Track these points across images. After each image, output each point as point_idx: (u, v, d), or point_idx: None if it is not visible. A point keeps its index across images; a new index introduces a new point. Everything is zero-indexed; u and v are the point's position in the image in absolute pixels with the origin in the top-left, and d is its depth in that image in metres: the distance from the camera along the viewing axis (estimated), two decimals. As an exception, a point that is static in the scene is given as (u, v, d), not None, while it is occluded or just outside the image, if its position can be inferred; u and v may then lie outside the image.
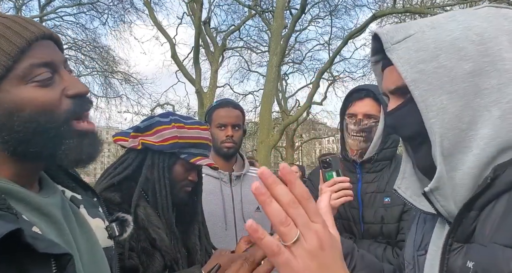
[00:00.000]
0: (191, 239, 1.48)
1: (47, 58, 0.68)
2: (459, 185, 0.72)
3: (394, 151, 1.67)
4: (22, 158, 0.68)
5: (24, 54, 0.66)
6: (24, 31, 0.67)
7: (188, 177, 1.42)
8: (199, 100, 12.68)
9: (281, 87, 18.75)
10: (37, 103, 0.66)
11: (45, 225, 0.68)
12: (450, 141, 0.71)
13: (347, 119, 1.68)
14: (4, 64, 0.64)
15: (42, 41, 0.69)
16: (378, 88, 1.75)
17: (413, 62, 0.73)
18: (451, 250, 0.72)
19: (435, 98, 0.72)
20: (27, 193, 0.68)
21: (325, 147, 34.10)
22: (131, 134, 1.41)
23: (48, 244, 0.60)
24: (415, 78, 0.73)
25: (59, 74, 0.70)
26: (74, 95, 0.70)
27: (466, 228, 0.71)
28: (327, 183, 1.50)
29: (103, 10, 15.09)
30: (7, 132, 0.65)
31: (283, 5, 11.75)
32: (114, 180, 1.36)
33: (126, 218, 0.91)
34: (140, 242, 1.28)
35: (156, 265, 1.29)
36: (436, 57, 0.72)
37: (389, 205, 1.58)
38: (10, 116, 0.65)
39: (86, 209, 0.84)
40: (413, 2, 13.73)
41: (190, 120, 1.45)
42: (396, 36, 0.75)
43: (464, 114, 0.71)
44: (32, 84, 0.66)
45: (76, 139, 0.70)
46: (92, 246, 0.79)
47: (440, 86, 0.71)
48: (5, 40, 0.65)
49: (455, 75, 0.71)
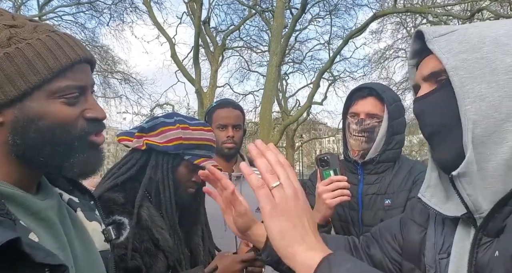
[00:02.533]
0: (194, 240, 1.48)
1: (82, 82, 0.73)
2: (491, 176, 0.71)
3: (397, 153, 1.63)
4: (27, 163, 0.71)
5: (64, 73, 0.70)
6: (71, 52, 0.72)
7: (192, 178, 1.42)
8: (199, 100, 12.67)
9: (281, 87, 18.75)
10: (58, 117, 0.70)
11: (42, 230, 0.69)
12: (483, 130, 0.71)
13: (349, 118, 1.64)
14: (43, 77, 0.68)
15: (83, 64, 0.74)
16: (382, 85, 1.71)
17: (455, 52, 0.74)
18: (481, 245, 0.72)
19: (474, 86, 0.72)
20: (27, 197, 0.70)
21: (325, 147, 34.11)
22: (135, 134, 1.41)
23: (45, 255, 0.61)
24: (456, 65, 0.73)
25: (85, 96, 0.75)
26: (91, 118, 0.75)
27: (498, 223, 0.70)
28: (324, 181, 1.47)
29: (102, 9, 15.10)
30: (20, 136, 0.68)
31: (283, 5, 11.74)
32: (118, 180, 1.35)
33: (123, 221, 0.93)
34: (144, 242, 1.28)
35: (159, 266, 1.29)
36: (479, 49, 0.73)
37: (390, 208, 1.54)
38: (30, 122, 0.68)
39: (83, 212, 0.85)
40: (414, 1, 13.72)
41: (194, 121, 1.45)
42: (439, 31, 0.78)
43: (502, 105, 0.71)
44: (60, 100, 0.70)
45: (86, 153, 0.74)
46: (88, 250, 0.80)
47: (481, 75, 0.72)
48: (52, 55, 0.69)
49: (496, 67, 0.72)
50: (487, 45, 0.73)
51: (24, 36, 0.69)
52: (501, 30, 0.74)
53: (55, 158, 0.71)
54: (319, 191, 1.47)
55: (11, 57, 0.66)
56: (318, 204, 1.47)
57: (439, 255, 0.84)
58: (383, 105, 1.59)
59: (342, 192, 1.44)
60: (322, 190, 1.45)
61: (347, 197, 1.45)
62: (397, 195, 1.55)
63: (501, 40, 0.73)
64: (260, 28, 17.23)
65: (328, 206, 1.44)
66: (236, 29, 16.20)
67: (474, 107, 0.71)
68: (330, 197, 1.43)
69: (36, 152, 0.69)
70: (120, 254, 1.21)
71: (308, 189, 1.79)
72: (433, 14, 12.61)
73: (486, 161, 0.71)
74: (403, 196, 1.54)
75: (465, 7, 13.14)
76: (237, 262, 1.32)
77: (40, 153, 0.70)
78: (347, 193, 1.45)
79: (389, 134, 1.59)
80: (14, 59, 0.66)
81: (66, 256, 0.71)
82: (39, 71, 0.68)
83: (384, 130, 1.59)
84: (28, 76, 0.67)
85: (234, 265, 1.32)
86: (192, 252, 1.46)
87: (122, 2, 14.85)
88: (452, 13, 12.99)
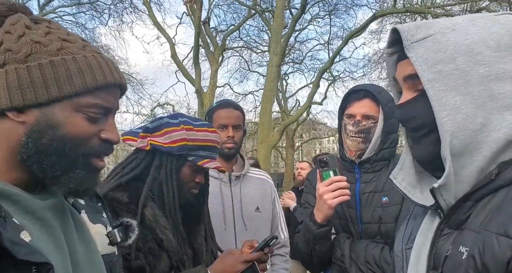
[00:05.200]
0: (197, 240, 1.49)
1: (110, 104, 0.76)
2: (464, 181, 0.75)
3: (393, 151, 1.67)
4: (27, 168, 0.71)
5: (97, 92, 0.73)
6: (109, 75, 0.75)
7: (196, 179, 1.43)
8: (199, 100, 12.67)
9: (281, 87, 18.72)
10: (75, 130, 0.72)
11: (37, 229, 0.69)
12: (460, 141, 0.74)
13: (346, 119, 1.67)
14: (77, 90, 0.71)
15: (116, 88, 0.78)
16: (377, 87, 1.75)
17: (431, 62, 0.76)
18: (441, 235, 0.76)
19: (449, 98, 0.75)
20: (23, 196, 0.70)
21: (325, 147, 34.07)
22: (140, 134, 1.41)
23: (28, 251, 0.61)
24: (432, 78, 0.76)
25: (107, 118, 0.77)
26: (105, 139, 0.76)
27: (459, 216, 0.75)
28: (324, 182, 1.51)
29: (102, 9, 15.10)
30: (34, 139, 0.69)
31: (283, 5, 11.75)
32: (122, 180, 1.36)
33: (131, 223, 0.91)
34: (147, 242, 1.29)
35: (163, 266, 1.30)
36: (454, 60, 0.75)
37: (387, 205, 1.58)
38: (48, 128, 0.70)
39: (87, 214, 0.86)
40: (413, 1, 13.72)
41: (198, 122, 1.46)
42: (416, 34, 0.79)
43: (477, 116, 0.74)
44: (83, 115, 0.73)
45: (85, 171, 0.74)
46: (90, 253, 0.80)
47: (456, 87, 0.75)
48: (92, 73, 0.73)
49: (470, 78, 0.74)
50: (461, 54, 0.75)
51: (72, 51, 0.73)
52: (475, 35, 0.76)
53: (56, 168, 0.71)
54: (320, 191, 1.51)
55: (54, 65, 0.70)
56: (319, 204, 1.52)
57: (406, 245, 0.89)
58: (378, 106, 1.62)
59: (342, 192, 1.49)
60: (323, 191, 1.50)
61: (347, 196, 1.49)
62: (394, 192, 1.57)
63: (474, 49, 0.75)
64: (260, 28, 17.22)
65: (329, 206, 1.49)
66: (236, 29, 16.19)
67: (451, 120, 0.74)
68: (331, 197, 1.48)
69: (41, 158, 0.70)
70: (124, 253, 1.20)
71: (306, 189, 1.83)
72: (433, 14, 12.62)
73: (461, 169, 0.75)
74: (399, 194, 1.56)
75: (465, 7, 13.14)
76: (240, 262, 1.32)
77: (44, 160, 0.70)
78: (347, 193, 1.49)
79: (385, 133, 1.62)
80: (56, 67, 0.70)
81: (62, 258, 0.71)
82: (75, 84, 0.71)
83: (380, 130, 1.62)
84: (63, 86, 0.70)
85: (237, 265, 1.32)
86: (195, 252, 1.47)
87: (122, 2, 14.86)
88: (451, 13, 12.99)
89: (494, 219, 0.69)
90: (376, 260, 1.51)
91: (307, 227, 1.56)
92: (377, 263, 1.50)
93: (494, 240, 0.66)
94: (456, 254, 0.71)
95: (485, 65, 0.74)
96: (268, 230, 2.07)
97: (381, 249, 1.53)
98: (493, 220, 0.69)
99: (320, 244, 1.56)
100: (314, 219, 1.54)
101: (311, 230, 1.54)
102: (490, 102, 0.73)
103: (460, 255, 0.70)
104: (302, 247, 1.63)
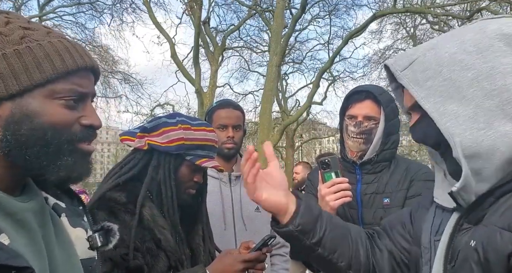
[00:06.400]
0: (195, 240, 1.49)
1: (84, 88, 0.74)
2: (485, 180, 0.77)
3: (393, 152, 1.67)
4: (11, 162, 0.69)
5: (69, 77, 0.71)
6: (79, 58, 0.73)
7: (194, 179, 1.42)
8: (199, 100, 12.67)
9: (281, 87, 18.73)
10: (54, 118, 0.70)
11: (17, 232, 0.67)
12: (470, 140, 0.76)
13: (347, 120, 1.67)
14: (48, 76, 0.69)
15: (88, 72, 0.76)
16: (378, 88, 1.76)
17: (421, 81, 0.82)
18: (460, 230, 0.78)
19: (446, 106, 0.79)
20: (3, 197, 0.68)
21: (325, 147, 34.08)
22: (137, 134, 1.41)
23: (9, 256, 0.60)
24: (425, 95, 0.81)
25: (84, 103, 0.75)
26: (86, 125, 0.75)
27: (478, 212, 0.76)
28: (326, 184, 1.51)
29: (102, 9, 15.10)
30: (12, 132, 0.67)
31: (283, 5, 11.74)
32: (119, 180, 1.36)
33: (112, 228, 0.88)
34: (146, 242, 1.28)
35: (161, 266, 1.29)
36: (440, 73, 0.80)
37: (389, 206, 1.58)
38: (25, 119, 0.68)
39: (68, 218, 0.83)
40: (413, 1, 13.72)
41: (196, 121, 1.45)
42: (402, 63, 0.86)
43: (478, 115, 0.76)
44: (59, 101, 0.71)
45: (74, 157, 0.73)
46: (69, 257, 0.78)
47: (450, 96, 0.79)
48: (60, 58, 0.71)
49: (460, 84, 0.78)
50: (445, 66, 0.80)
51: (37, 38, 0.71)
52: (453, 47, 0.80)
53: (41, 158, 0.69)
54: (322, 193, 1.51)
55: (20, 54, 0.68)
56: (321, 205, 1.51)
57: (435, 237, 0.89)
58: (380, 107, 1.62)
59: (344, 194, 1.49)
60: (325, 192, 1.50)
61: (349, 198, 1.49)
62: (396, 194, 1.58)
63: (456, 58, 0.79)
64: (260, 28, 17.22)
65: (331, 208, 1.48)
66: (236, 29, 16.19)
67: (453, 123, 0.77)
68: (333, 199, 1.48)
69: (23, 150, 0.68)
70: (122, 253, 1.21)
71: (307, 188, 1.82)
72: (433, 14, 12.63)
73: (482, 169, 0.76)
74: (401, 195, 1.58)
75: (465, 7, 13.14)
76: (238, 262, 1.31)
77: (27, 151, 0.68)
78: (349, 194, 1.49)
79: (386, 134, 1.63)
80: (22, 56, 0.68)
81: (41, 262, 0.69)
82: (44, 70, 0.69)
83: (381, 131, 1.62)
84: (33, 74, 0.68)
85: (236, 265, 1.31)
86: (193, 252, 1.46)
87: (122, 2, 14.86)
88: (451, 13, 13.00)
89: (504, 215, 0.71)
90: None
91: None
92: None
93: (498, 234, 0.68)
94: (467, 247, 0.73)
95: (471, 69, 0.77)
96: (268, 230, 2.05)
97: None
98: (502, 216, 0.71)
99: (321, 244, 1.55)
100: (316, 220, 1.53)
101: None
102: (486, 100, 0.75)
103: (470, 248, 0.72)
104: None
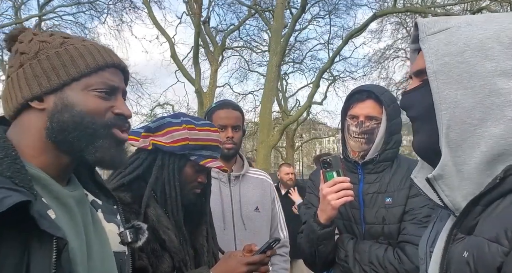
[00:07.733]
0: (198, 240, 1.48)
1: (114, 83, 0.88)
2: (467, 178, 0.75)
3: (396, 152, 1.66)
4: (58, 147, 0.82)
5: (100, 72, 0.86)
6: (107, 57, 0.87)
7: (198, 179, 1.42)
8: (198, 100, 12.67)
9: (281, 87, 18.74)
10: (89, 107, 0.83)
11: (61, 212, 0.78)
12: (458, 134, 0.75)
13: (349, 120, 1.67)
14: (82, 71, 0.84)
15: (117, 70, 0.90)
16: (380, 88, 1.75)
17: (440, 54, 0.77)
18: (455, 240, 0.76)
19: (450, 92, 0.76)
20: (53, 182, 0.80)
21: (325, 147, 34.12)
22: (142, 134, 1.41)
23: (50, 225, 0.69)
24: (437, 69, 0.77)
25: (116, 96, 0.88)
26: (118, 113, 0.87)
27: (469, 221, 0.74)
28: (328, 183, 1.51)
29: (102, 9, 15.10)
30: (56, 120, 0.81)
31: (283, 4, 11.74)
32: (124, 180, 1.35)
33: (141, 227, 0.98)
34: (150, 243, 1.28)
35: (165, 266, 1.29)
36: (462, 53, 0.76)
37: (391, 206, 1.57)
38: (66, 108, 0.82)
39: (103, 213, 0.94)
40: (413, 1, 13.73)
41: (201, 121, 1.45)
42: (433, 27, 0.80)
43: (476, 111, 0.74)
44: (93, 93, 0.84)
45: (109, 142, 0.85)
46: (103, 246, 0.88)
47: (459, 80, 0.75)
48: (92, 56, 0.86)
49: (475, 72, 0.74)
50: (471, 48, 0.75)
51: (73, 42, 0.87)
52: (490, 30, 0.75)
53: (81, 140, 0.82)
54: (323, 192, 1.51)
55: (59, 54, 0.84)
56: (323, 205, 1.52)
57: (430, 248, 0.89)
58: (382, 107, 1.62)
59: (346, 193, 1.48)
60: (326, 192, 1.49)
61: (351, 197, 1.49)
62: (398, 193, 1.58)
63: (486, 43, 0.74)
64: (260, 28, 17.26)
65: (333, 207, 1.48)
66: (236, 29, 16.21)
67: (449, 113, 0.75)
68: (335, 198, 1.48)
69: (66, 134, 0.81)
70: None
71: (309, 189, 1.82)
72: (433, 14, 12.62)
73: (462, 164, 0.75)
74: (403, 194, 1.58)
75: (465, 7, 13.15)
76: (243, 264, 1.31)
77: (69, 135, 0.81)
78: (351, 194, 1.49)
79: (388, 134, 1.62)
80: (61, 56, 0.84)
81: (79, 241, 0.78)
82: (79, 66, 0.83)
83: (383, 131, 1.62)
84: (70, 69, 0.83)
85: (240, 267, 1.31)
86: (196, 252, 1.46)
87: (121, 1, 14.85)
88: (452, 13, 13.00)
89: (492, 225, 0.69)
90: (380, 260, 1.50)
91: (311, 228, 1.55)
92: (381, 263, 1.50)
93: (486, 246, 0.66)
94: (460, 258, 0.71)
95: (493, 60, 0.73)
96: (267, 230, 2.07)
97: (385, 249, 1.53)
98: (490, 226, 0.69)
99: (324, 244, 1.56)
100: (318, 220, 1.54)
101: (314, 230, 1.54)
102: (491, 97, 0.73)
103: (462, 259, 0.70)
104: (305, 248, 1.62)
